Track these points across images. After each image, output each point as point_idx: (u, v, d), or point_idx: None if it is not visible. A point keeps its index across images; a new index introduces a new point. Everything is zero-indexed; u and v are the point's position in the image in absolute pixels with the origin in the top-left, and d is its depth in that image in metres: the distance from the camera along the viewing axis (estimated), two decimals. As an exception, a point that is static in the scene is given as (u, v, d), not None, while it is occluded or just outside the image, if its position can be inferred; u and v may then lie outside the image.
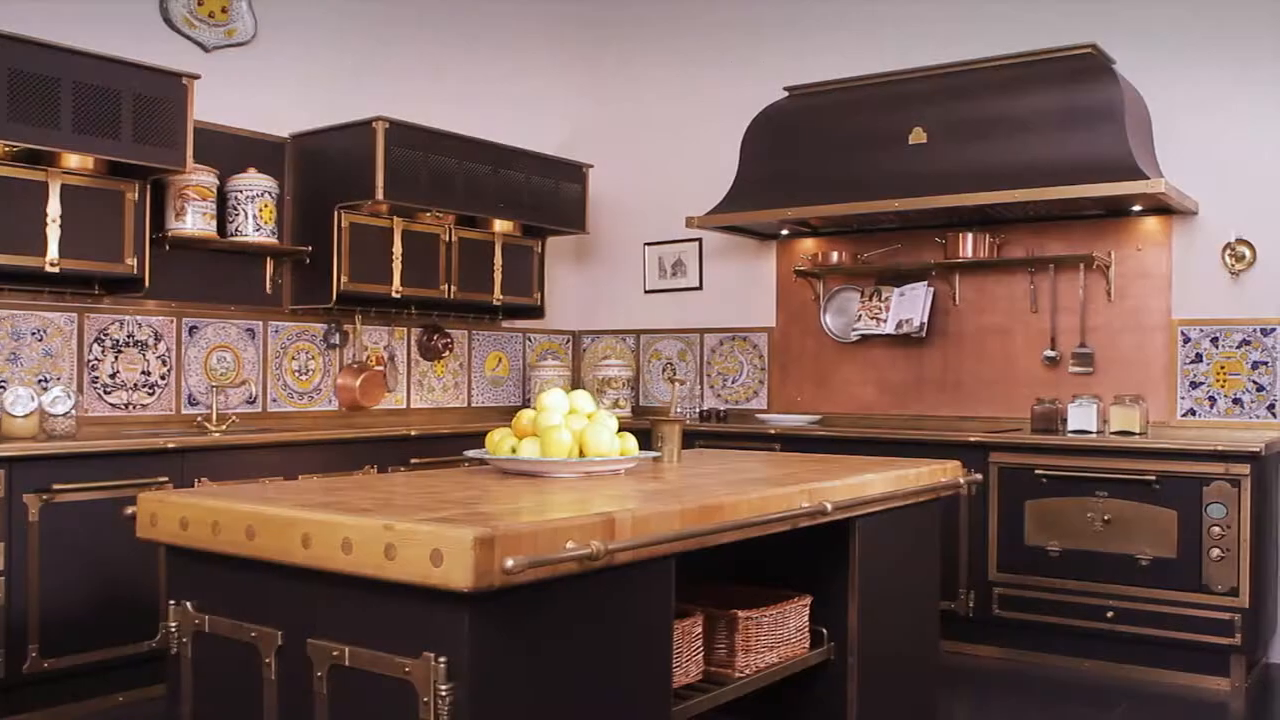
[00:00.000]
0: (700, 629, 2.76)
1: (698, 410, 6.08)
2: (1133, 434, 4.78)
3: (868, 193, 5.17)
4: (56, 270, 4.16)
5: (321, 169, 5.18)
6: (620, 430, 2.98)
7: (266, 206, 4.91)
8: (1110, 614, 4.55)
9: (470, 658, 1.93)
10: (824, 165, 5.40)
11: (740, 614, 2.83)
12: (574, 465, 2.82)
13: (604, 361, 6.29)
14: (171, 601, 2.42)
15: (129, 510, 2.50)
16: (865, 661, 3.13)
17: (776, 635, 2.96)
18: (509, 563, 1.88)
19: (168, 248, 4.72)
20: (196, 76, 4.39)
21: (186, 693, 2.40)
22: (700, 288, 6.33)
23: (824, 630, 3.12)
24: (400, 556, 1.95)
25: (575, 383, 6.66)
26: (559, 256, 6.54)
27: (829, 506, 2.76)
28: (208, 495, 2.37)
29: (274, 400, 5.25)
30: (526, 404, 6.40)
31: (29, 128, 3.94)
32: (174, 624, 2.41)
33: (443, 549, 1.89)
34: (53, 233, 4.15)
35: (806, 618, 3.08)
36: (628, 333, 6.63)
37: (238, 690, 2.30)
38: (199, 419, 4.90)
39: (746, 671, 2.85)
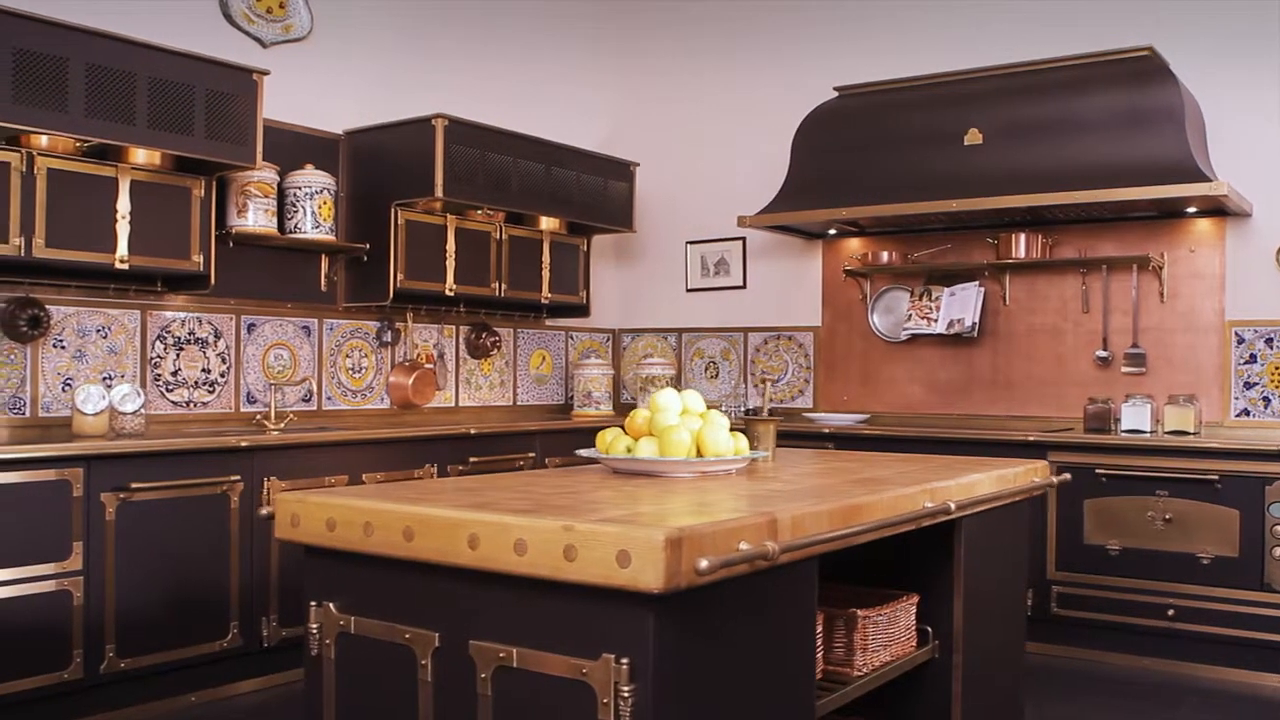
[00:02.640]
0: (820, 628, 2.77)
1: (743, 409, 6.09)
2: (1187, 434, 4.81)
3: (923, 193, 5.19)
4: (126, 267, 4.12)
5: (377, 166, 5.15)
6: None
7: (325, 204, 4.88)
8: (1171, 612, 4.59)
9: (654, 658, 1.93)
10: (878, 165, 5.41)
11: (860, 613, 2.83)
12: (692, 465, 2.81)
13: (647, 360, 6.29)
14: (312, 603, 2.40)
15: (264, 510, 2.49)
16: (968, 660, 3.15)
17: (889, 634, 2.97)
18: (702, 564, 1.88)
19: (231, 245, 4.69)
20: (266, 72, 4.37)
21: (329, 694, 2.38)
22: (744, 286, 6.34)
23: (929, 629, 3.13)
24: (581, 558, 1.94)
25: (617, 381, 6.66)
26: (598, 254, 6.53)
27: (953, 506, 2.77)
28: (357, 496, 2.35)
29: (328, 398, 5.23)
30: (569, 402, 6.40)
31: (106, 123, 3.91)
32: (315, 625, 2.39)
33: (630, 550, 1.89)
34: (122, 229, 4.11)
35: (914, 616, 3.09)
36: (669, 331, 6.63)
37: (387, 692, 2.28)
38: (258, 417, 4.86)
39: (864, 670, 2.85)
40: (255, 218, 4.65)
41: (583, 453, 3.05)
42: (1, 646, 3.56)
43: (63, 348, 4.31)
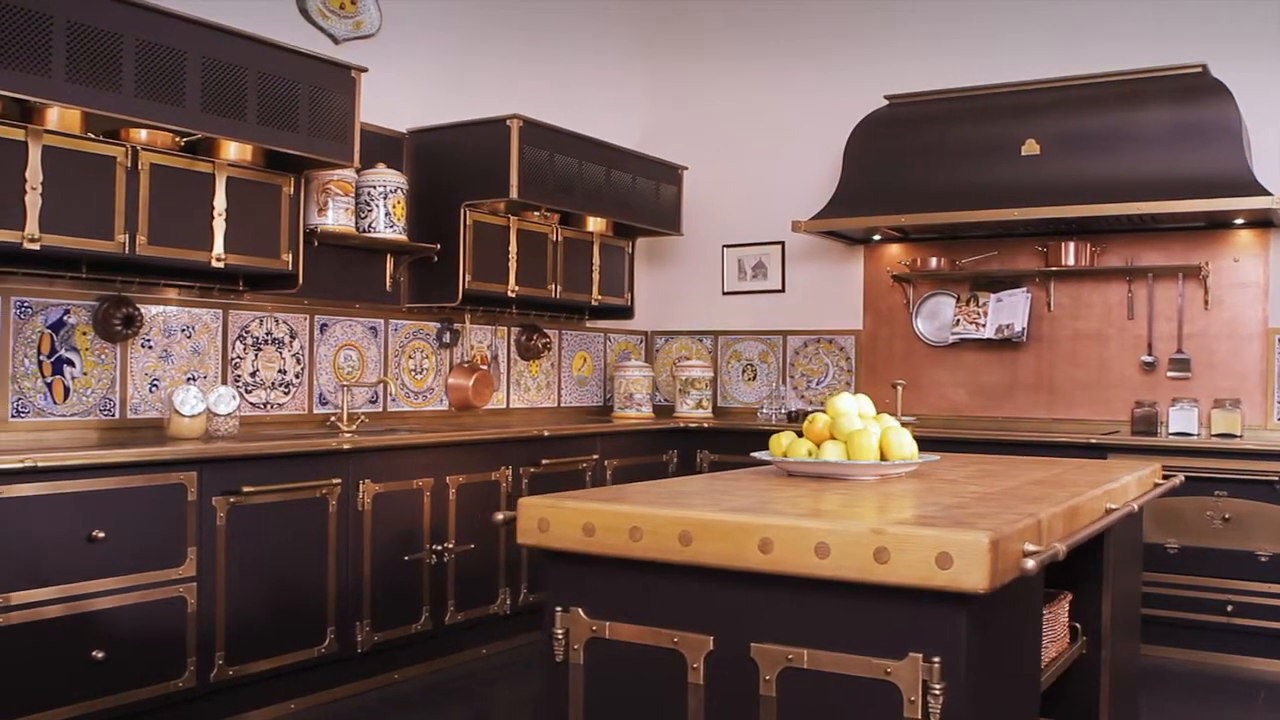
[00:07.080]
0: (1004, 626, 2.84)
1: (784, 411, 6.16)
2: (1233, 436, 5.01)
3: (979, 201, 5.31)
4: (222, 266, 4.03)
5: (445, 165, 5.11)
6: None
7: (399, 203, 4.83)
8: (1230, 608, 4.78)
9: (965, 656, 1.98)
10: (935, 173, 5.52)
11: (1038, 611, 2.91)
12: (880, 468, 2.87)
13: (686, 362, 6.32)
14: (558, 608, 2.39)
15: (501, 516, 2.46)
16: (1115, 657, 3.26)
17: (1054, 631, 3.06)
18: (1029, 564, 1.93)
19: (316, 244, 4.60)
20: (364, 69, 4.30)
21: (576, 700, 2.38)
22: (783, 290, 6.41)
23: (1077, 626, 3.22)
24: (895, 560, 1.98)
25: (655, 383, 6.67)
26: (636, 257, 6.54)
27: (1136, 507, 2.87)
28: (618, 501, 2.35)
29: (392, 399, 5.16)
30: (608, 404, 6.40)
31: (220, 118, 3.82)
32: (561, 630, 2.38)
33: (952, 552, 1.93)
34: (219, 227, 4.02)
35: (1067, 614, 3.19)
36: (704, 333, 6.67)
37: (647, 697, 2.28)
38: (331, 418, 4.79)
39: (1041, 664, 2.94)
40: (335, 216, 4.58)
41: (759, 455, 3.08)
42: (119, 655, 3.46)
43: (150, 348, 4.20)
